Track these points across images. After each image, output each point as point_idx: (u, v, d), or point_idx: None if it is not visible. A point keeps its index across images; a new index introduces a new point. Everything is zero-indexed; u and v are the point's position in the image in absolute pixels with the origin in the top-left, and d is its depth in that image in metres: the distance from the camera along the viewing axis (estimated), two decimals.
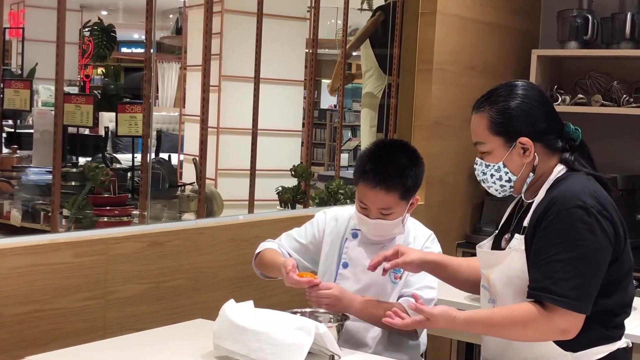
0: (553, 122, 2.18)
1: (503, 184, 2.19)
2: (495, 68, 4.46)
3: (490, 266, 2.21)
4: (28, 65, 10.36)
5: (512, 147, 2.14)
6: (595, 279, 2.02)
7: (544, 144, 2.16)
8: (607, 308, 2.10)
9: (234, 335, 2.10)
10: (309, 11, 5.15)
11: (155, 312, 2.88)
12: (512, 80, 2.22)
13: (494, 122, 2.15)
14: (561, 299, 1.99)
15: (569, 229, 2.01)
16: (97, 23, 10.60)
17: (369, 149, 2.47)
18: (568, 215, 2.02)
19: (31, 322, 2.50)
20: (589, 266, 2.00)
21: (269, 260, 2.53)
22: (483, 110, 2.17)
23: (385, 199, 2.39)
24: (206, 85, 3.35)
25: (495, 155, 2.17)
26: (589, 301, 2.02)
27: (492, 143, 2.16)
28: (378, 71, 4.75)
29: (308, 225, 2.65)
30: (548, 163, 2.17)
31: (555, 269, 2.00)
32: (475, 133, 2.20)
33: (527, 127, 2.13)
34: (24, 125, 6.20)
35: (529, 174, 2.17)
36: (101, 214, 3.23)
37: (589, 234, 2.00)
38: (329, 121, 12.11)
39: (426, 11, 4.04)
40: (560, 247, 2.01)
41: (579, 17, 4.38)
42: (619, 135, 4.51)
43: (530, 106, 2.15)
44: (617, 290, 2.11)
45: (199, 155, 3.37)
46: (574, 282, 1.99)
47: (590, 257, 2.00)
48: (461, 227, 4.40)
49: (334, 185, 3.98)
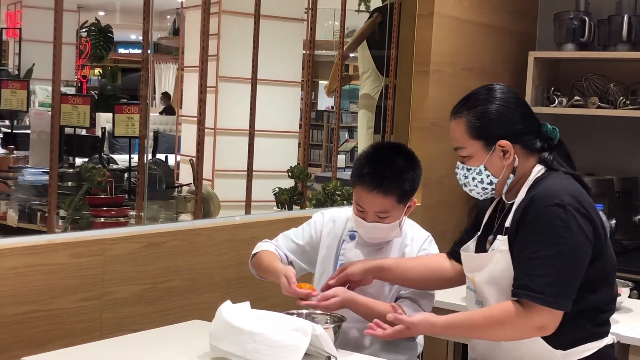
0: (530, 123, 2.21)
1: (485, 186, 2.21)
2: (492, 70, 4.46)
3: (475, 269, 2.23)
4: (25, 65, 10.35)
5: (491, 150, 2.17)
6: (573, 276, 2.04)
7: (523, 145, 2.18)
8: (592, 305, 2.12)
9: (231, 336, 2.10)
10: (306, 12, 5.16)
11: (152, 312, 2.88)
12: (488, 84, 2.25)
13: (472, 127, 2.18)
14: (538, 295, 2.01)
15: (547, 227, 2.03)
16: (94, 24, 10.61)
17: (366, 152, 2.47)
18: (546, 213, 2.04)
19: (28, 322, 2.50)
20: (566, 263, 2.02)
21: (267, 263, 2.52)
22: (461, 116, 2.21)
23: (382, 202, 2.38)
24: (203, 86, 3.35)
25: (476, 159, 2.20)
26: (568, 298, 2.03)
27: (472, 147, 2.19)
28: (375, 72, 4.75)
29: (305, 226, 2.64)
30: (527, 163, 2.19)
31: (533, 266, 2.03)
32: (455, 138, 2.24)
33: (505, 129, 2.16)
34: (20, 125, 6.20)
35: (509, 176, 2.19)
36: (98, 215, 3.23)
37: (566, 232, 2.02)
38: (326, 122, 12.12)
39: (423, 13, 4.04)
40: (539, 245, 2.03)
41: (575, 19, 4.39)
42: (615, 137, 4.51)
43: (508, 109, 2.18)
44: (601, 287, 2.13)
45: (195, 156, 3.37)
46: (551, 278, 2.01)
47: (568, 254, 2.02)
48: (458, 229, 4.40)
49: (330, 186, 3.98)
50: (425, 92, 4.07)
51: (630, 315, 2.98)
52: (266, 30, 3.83)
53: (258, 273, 2.59)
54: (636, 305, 3.11)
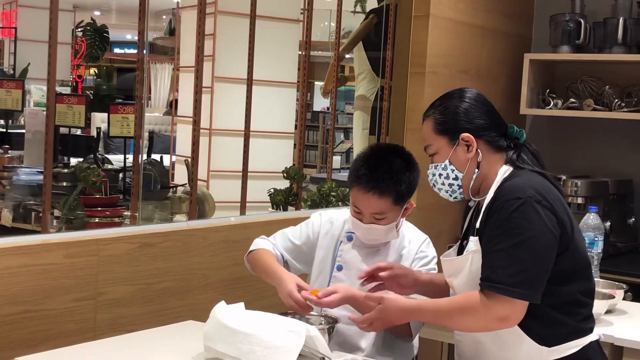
0: (493, 119, 2.26)
1: (451, 182, 2.25)
2: (488, 72, 4.46)
3: (453, 273, 2.25)
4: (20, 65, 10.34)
5: (455, 144, 2.22)
6: (536, 266, 2.05)
7: (486, 140, 2.23)
8: (567, 298, 2.13)
9: (225, 337, 2.09)
10: (302, 13, 5.15)
11: (146, 313, 2.87)
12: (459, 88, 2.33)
13: (437, 123, 2.25)
14: (498, 285, 2.04)
15: (506, 219, 2.07)
16: (89, 23, 10.60)
17: (363, 153, 2.47)
18: (507, 206, 2.08)
19: (21, 322, 2.50)
20: (527, 253, 2.04)
21: (265, 264, 2.51)
22: (429, 115, 2.28)
23: (379, 204, 2.39)
24: (199, 87, 3.35)
25: (441, 154, 2.25)
26: (530, 288, 2.04)
27: (438, 143, 2.25)
28: (371, 74, 4.75)
29: (303, 226, 2.64)
30: (492, 161, 2.22)
31: (494, 258, 2.06)
32: (424, 137, 2.29)
33: (467, 124, 2.22)
34: (15, 125, 6.20)
35: (474, 171, 2.22)
36: (92, 215, 3.23)
37: (525, 222, 2.05)
38: (321, 123, 12.13)
39: (419, 14, 4.04)
40: (499, 238, 2.07)
41: (571, 21, 4.39)
42: (610, 139, 4.52)
43: (470, 105, 2.24)
44: (574, 280, 2.14)
45: (191, 157, 3.36)
46: (511, 269, 2.03)
47: (527, 244, 2.04)
48: (453, 231, 4.40)
49: (326, 187, 3.98)
50: (421, 94, 4.07)
51: (625, 317, 2.99)
52: (262, 30, 3.83)
53: (254, 269, 2.59)
54: (630, 308, 3.11)
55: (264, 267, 2.51)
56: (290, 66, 5.52)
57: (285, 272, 2.45)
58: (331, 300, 2.32)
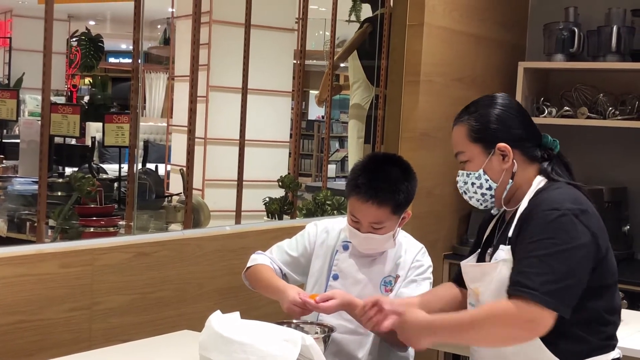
0: (530, 130, 2.23)
1: (484, 192, 2.21)
2: (482, 80, 4.47)
3: (477, 280, 2.21)
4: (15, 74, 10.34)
5: (491, 153, 2.18)
6: (569, 279, 2.01)
7: (522, 151, 2.19)
8: (594, 315, 2.10)
9: (220, 346, 2.09)
10: (296, 22, 5.16)
11: (141, 323, 2.87)
12: (491, 94, 2.28)
13: (472, 130, 2.20)
14: (530, 291, 1.99)
15: (544, 229, 2.03)
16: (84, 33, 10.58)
17: (361, 163, 2.47)
18: (544, 216, 2.05)
19: (16, 332, 2.49)
20: (562, 265, 2.00)
21: (265, 279, 2.50)
22: (462, 121, 2.23)
23: (377, 213, 2.38)
24: (194, 96, 3.35)
25: (475, 163, 2.20)
26: (561, 300, 2.00)
27: (472, 151, 2.21)
28: (365, 82, 4.76)
29: (299, 237, 2.64)
30: (527, 171, 2.19)
31: (527, 264, 2.02)
32: (456, 143, 2.25)
33: (504, 133, 2.18)
34: (10, 135, 6.19)
35: (508, 182, 2.19)
36: (87, 225, 3.22)
37: (563, 234, 2.02)
38: (316, 132, 12.13)
39: (413, 23, 4.05)
40: (534, 245, 2.03)
41: (565, 29, 4.40)
42: (604, 147, 4.53)
43: (508, 114, 2.20)
44: (601, 297, 2.12)
45: (186, 166, 3.36)
46: (545, 277, 1.99)
47: (563, 256, 2.01)
48: (448, 239, 4.41)
49: (321, 196, 3.98)
50: (416, 102, 4.08)
51: (621, 325, 2.98)
52: (257, 40, 3.84)
53: (253, 286, 2.58)
54: (626, 315, 3.11)
55: (264, 282, 2.50)
56: (285, 75, 5.52)
57: (285, 284, 2.45)
58: (328, 305, 2.31)
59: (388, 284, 2.49)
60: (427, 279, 2.53)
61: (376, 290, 2.48)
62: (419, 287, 2.48)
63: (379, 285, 2.49)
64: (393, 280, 2.50)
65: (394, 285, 2.50)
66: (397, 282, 2.50)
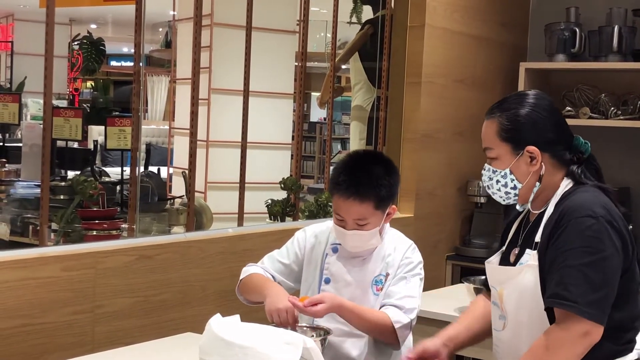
0: (562, 133, 2.19)
1: (508, 191, 2.18)
2: (483, 81, 4.47)
3: (501, 282, 2.19)
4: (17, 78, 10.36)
5: (519, 154, 2.15)
6: (605, 288, 1.99)
7: (552, 154, 2.16)
8: (616, 324, 2.06)
9: (221, 350, 2.09)
10: (298, 24, 5.16)
11: (144, 325, 2.87)
12: (525, 90, 2.23)
13: (502, 129, 2.16)
14: (571, 303, 1.96)
15: (579, 237, 2.00)
16: (86, 36, 10.60)
17: (342, 161, 2.47)
18: (578, 223, 2.01)
19: (19, 336, 2.49)
20: (598, 274, 1.98)
21: (261, 282, 2.50)
22: (494, 116, 2.18)
23: (360, 209, 2.38)
24: (195, 99, 3.35)
25: (503, 161, 2.17)
26: (599, 309, 1.98)
27: (500, 149, 2.17)
28: (367, 84, 4.76)
29: (289, 245, 2.63)
30: (555, 174, 2.16)
31: (564, 275, 1.99)
32: (485, 138, 2.21)
33: (535, 136, 2.14)
34: (12, 138, 6.19)
35: (535, 184, 2.16)
36: (90, 228, 3.22)
37: (598, 242, 1.99)
38: (318, 134, 12.14)
39: (415, 24, 4.06)
40: (570, 254, 2.00)
41: (566, 30, 4.40)
42: (606, 147, 4.51)
43: (540, 115, 2.15)
44: (627, 303, 2.09)
45: (188, 169, 3.36)
46: (583, 288, 1.96)
47: (600, 265, 1.98)
48: (450, 240, 4.41)
49: (323, 197, 3.98)
50: (417, 104, 4.08)
51: None
52: (258, 42, 3.84)
53: (247, 297, 2.56)
54: None
55: (259, 286, 2.49)
56: (287, 77, 5.52)
57: (278, 286, 2.45)
58: (317, 310, 2.31)
59: (379, 282, 2.48)
60: (416, 275, 2.51)
61: (367, 290, 2.47)
62: (408, 284, 2.46)
63: (370, 286, 2.48)
64: (384, 279, 2.49)
65: (384, 284, 2.49)
66: (387, 280, 2.49)
